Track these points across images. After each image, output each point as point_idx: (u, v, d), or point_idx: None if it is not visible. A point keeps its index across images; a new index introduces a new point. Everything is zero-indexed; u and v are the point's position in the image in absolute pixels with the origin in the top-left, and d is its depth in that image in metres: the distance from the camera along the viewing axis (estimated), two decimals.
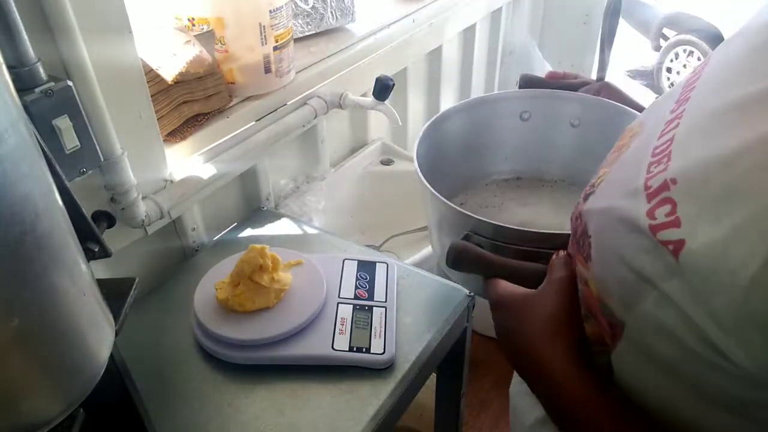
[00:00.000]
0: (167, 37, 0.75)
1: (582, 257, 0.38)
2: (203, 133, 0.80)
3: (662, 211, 0.30)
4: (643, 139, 0.38)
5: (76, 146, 0.58)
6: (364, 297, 0.71)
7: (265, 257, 0.68)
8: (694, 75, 0.39)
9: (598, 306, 0.36)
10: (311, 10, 0.99)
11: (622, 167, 0.38)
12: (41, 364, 0.34)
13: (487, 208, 0.78)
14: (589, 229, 0.38)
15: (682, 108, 0.36)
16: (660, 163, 0.33)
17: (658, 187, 0.31)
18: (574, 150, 0.78)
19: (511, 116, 0.78)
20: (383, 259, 0.77)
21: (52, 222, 0.34)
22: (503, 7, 1.53)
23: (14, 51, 0.50)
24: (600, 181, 0.40)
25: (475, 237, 0.57)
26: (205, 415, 0.61)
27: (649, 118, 0.41)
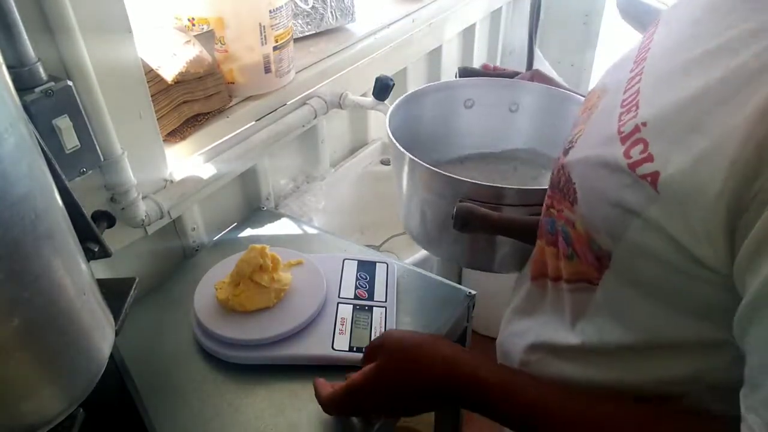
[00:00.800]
0: (167, 37, 0.75)
1: (568, 202, 0.43)
2: (203, 133, 0.80)
3: (636, 150, 0.36)
4: (610, 98, 0.43)
5: (76, 146, 0.58)
6: (364, 297, 0.71)
7: (265, 257, 0.68)
8: (647, 39, 0.45)
9: (586, 243, 0.41)
10: (311, 10, 0.99)
11: (596, 123, 0.43)
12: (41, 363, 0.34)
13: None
14: (572, 177, 0.43)
15: (640, 67, 0.42)
16: (629, 112, 0.38)
17: (630, 131, 0.37)
18: (515, 132, 0.84)
19: (455, 105, 0.83)
20: (383, 259, 0.77)
21: (52, 222, 0.34)
22: (503, 7, 1.53)
23: (14, 51, 0.50)
24: (578, 137, 0.45)
25: (469, 202, 0.59)
26: (205, 415, 0.61)
27: (611, 81, 0.46)
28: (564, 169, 0.44)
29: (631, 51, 0.47)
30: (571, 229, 0.43)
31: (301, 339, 0.65)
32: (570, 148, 0.45)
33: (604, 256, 0.40)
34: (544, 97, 0.79)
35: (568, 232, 0.44)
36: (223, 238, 0.89)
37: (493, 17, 1.54)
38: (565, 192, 0.43)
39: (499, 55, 1.64)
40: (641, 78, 0.40)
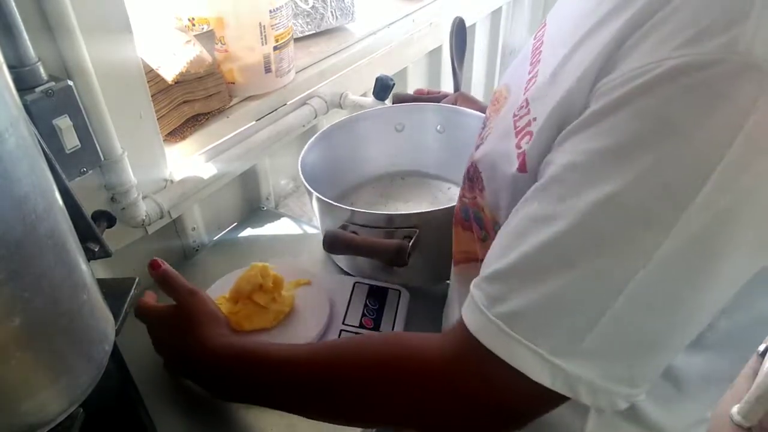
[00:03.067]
0: (167, 37, 0.75)
1: (478, 191, 0.48)
2: (203, 132, 0.80)
3: (524, 141, 0.41)
4: (513, 98, 0.47)
5: (77, 146, 0.58)
6: (370, 326, 0.67)
7: (267, 276, 0.66)
8: (538, 40, 0.49)
9: (491, 225, 0.47)
10: (311, 10, 0.99)
11: (501, 121, 0.47)
12: (41, 364, 0.34)
13: (374, 205, 0.89)
14: (480, 169, 0.48)
15: (536, 69, 0.45)
16: (521, 109, 0.43)
17: (522, 126, 0.41)
18: (441, 151, 0.91)
19: (387, 128, 0.90)
20: (395, 287, 0.73)
21: (53, 222, 0.34)
22: (503, 7, 1.53)
23: (15, 51, 0.50)
24: (487, 135, 0.50)
25: (351, 225, 0.67)
26: (205, 415, 0.61)
27: (512, 81, 0.50)
28: (474, 164, 0.49)
29: (526, 50, 0.51)
30: (482, 213, 0.49)
31: None
32: (480, 144, 0.50)
33: None
34: (461, 119, 0.85)
35: (481, 216, 0.49)
36: (223, 238, 0.89)
37: (493, 17, 1.54)
38: (475, 182, 0.49)
39: (499, 55, 1.64)
40: (535, 81, 0.43)
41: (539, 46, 0.47)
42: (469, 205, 0.52)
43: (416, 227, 0.64)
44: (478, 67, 1.54)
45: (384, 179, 0.94)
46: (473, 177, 0.49)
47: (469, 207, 0.52)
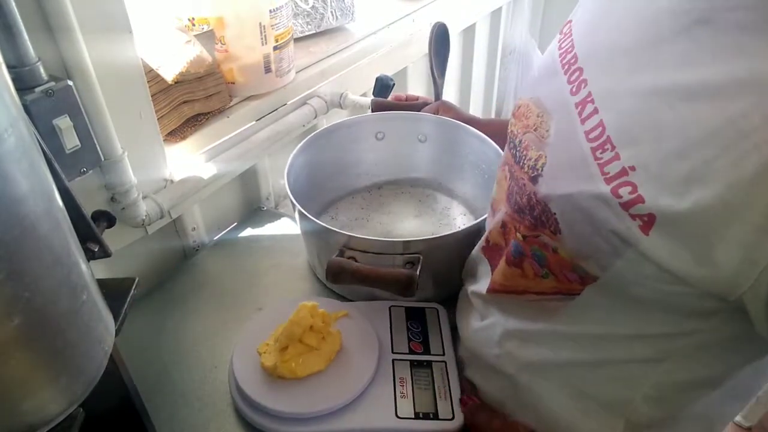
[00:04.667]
0: (167, 37, 0.75)
1: (548, 231, 0.44)
2: (203, 132, 0.80)
3: (625, 190, 0.37)
4: (560, 121, 0.44)
5: (77, 146, 0.58)
6: (420, 351, 0.63)
7: (316, 316, 0.62)
8: (567, 52, 0.46)
9: (569, 267, 0.43)
10: (311, 10, 0.99)
11: (559, 152, 0.44)
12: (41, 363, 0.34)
13: (356, 220, 0.87)
14: (551, 209, 0.43)
15: (585, 90, 0.42)
16: (604, 150, 0.38)
17: (616, 173, 0.37)
18: (424, 160, 0.91)
19: (367, 137, 0.89)
20: (431, 305, 0.70)
21: (53, 222, 0.34)
22: (503, 7, 1.53)
23: (14, 51, 0.49)
24: (541, 165, 0.45)
25: (348, 251, 0.64)
26: (205, 415, 0.61)
27: (546, 97, 0.47)
28: (539, 200, 0.45)
29: (551, 61, 0.48)
30: (549, 253, 0.45)
31: (360, 407, 0.57)
32: (538, 176, 0.45)
33: (590, 277, 0.42)
34: (444, 128, 0.85)
35: (544, 256, 0.46)
36: (223, 238, 0.89)
37: (493, 17, 1.54)
38: (543, 221, 0.44)
39: (498, 55, 1.64)
40: (598, 107, 0.40)
41: (573, 62, 0.44)
42: (525, 242, 0.47)
43: (419, 253, 0.63)
44: (478, 68, 1.54)
45: (365, 190, 0.93)
46: (541, 216, 0.45)
47: (522, 245, 0.48)
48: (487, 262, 0.59)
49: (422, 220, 0.86)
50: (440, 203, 0.90)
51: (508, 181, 0.52)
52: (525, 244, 0.47)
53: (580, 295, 0.44)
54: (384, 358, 0.62)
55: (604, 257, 0.39)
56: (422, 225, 0.85)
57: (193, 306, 0.75)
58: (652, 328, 0.42)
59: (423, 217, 0.87)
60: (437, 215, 0.87)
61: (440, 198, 0.91)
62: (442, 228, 0.84)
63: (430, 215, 0.87)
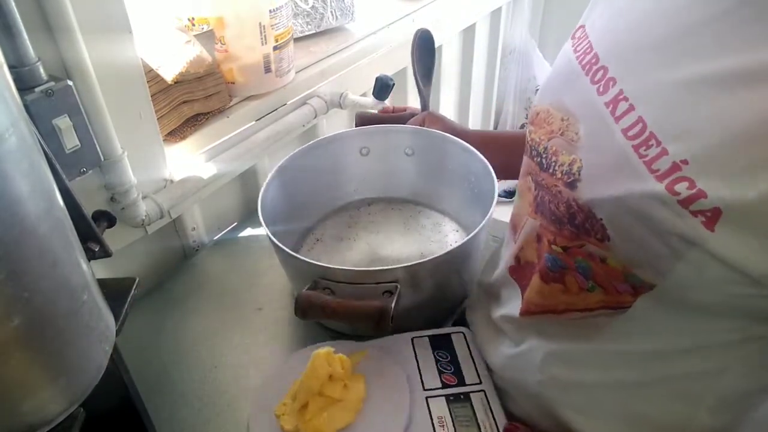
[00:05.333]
0: (167, 37, 0.75)
1: (594, 239, 0.41)
2: (203, 132, 0.80)
3: (681, 186, 0.34)
4: (594, 124, 0.42)
5: (77, 146, 0.58)
6: (454, 382, 0.57)
7: (334, 362, 0.55)
8: (583, 52, 0.45)
9: (620, 276, 0.40)
10: (311, 10, 0.99)
11: (595, 153, 0.41)
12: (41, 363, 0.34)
13: (342, 240, 0.82)
14: (596, 214, 0.40)
15: (615, 88, 0.40)
16: (648, 147, 0.36)
17: (667, 169, 0.35)
18: (412, 175, 0.87)
19: (351, 153, 0.85)
20: (456, 329, 0.64)
21: (53, 222, 0.34)
22: (503, 7, 1.53)
23: (14, 51, 0.49)
24: (577, 169, 0.42)
25: (323, 281, 0.59)
26: (205, 415, 0.61)
27: (569, 103, 0.45)
28: (581, 206, 0.42)
29: (567, 65, 0.47)
30: (595, 263, 0.42)
31: None
32: (574, 181, 0.42)
33: (645, 286, 0.39)
34: (430, 141, 0.81)
35: (590, 267, 0.43)
36: (223, 238, 0.89)
37: (493, 17, 1.54)
38: (587, 229, 0.41)
39: (498, 55, 1.64)
40: (632, 103, 0.39)
41: (595, 62, 0.43)
42: (565, 254, 0.44)
43: (397, 282, 0.58)
44: (477, 68, 1.54)
45: (350, 208, 0.88)
46: (584, 223, 0.42)
47: (563, 257, 0.45)
48: (514, 282, 0.55)
49: (411, 238, 0.82)
50: (430, 219, 0.86)
51: (533, 192, 0.49)
52: (567, 256, 0.44)
53: (630, 307, 0.41)
54: (416, 398, 0.55)
55: (662, 262, 0.37)
56: (411, 244, 0.81)
57: (193, 306, 0.75)
58: (714, 336, 0.40)
59: (412, 234, 0.83)
60: (427, 232, 0.83)
61: (430, 214, 0.87)
62: (432, 246, 0.80)
63: (420, 233, 0.83)
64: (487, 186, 0.69)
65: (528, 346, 0.53)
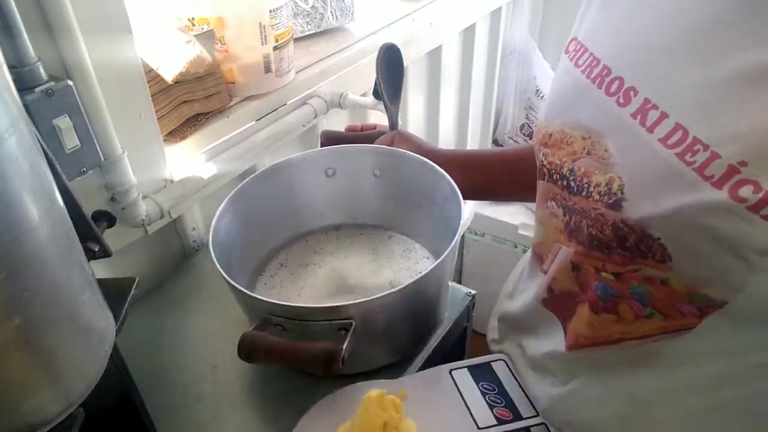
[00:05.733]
0: (167, 37, 0.75)
1: (653, 260, 0.38)
2: (203, 132, 0.80)
3: (746, 190, 0.32)
4: (624, 138, 0.39)
5: (77, 146, 0.58)
6: (509, 418, 0.52)
7: (387, 407, 0.50)
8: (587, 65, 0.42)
9: (684, 298, 0.38)
10: (311, 10, 0.99)
11: (635, 168, 0.39)
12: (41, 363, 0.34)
13: (308, 266, 0.78)
14: (652, 234, 0.37)
15: (638, 97, 0.38)
16: (695, 153, 0.34)
17: (723, 173, 0.33)
18: (380, 197, 0.81)
19: (316, 174, 0.80)
20: (498, 357, 0.59)
21: (53, 222, 0.34)
22: (503, 7, 1.53)
23: (14, 51, 0.49)
24: (617, 188, 0.40)
25: (274, 318, 0.55)
26: (205, 415, 0.61)
27: (587, 121, 0.42)
28: (631, 227, 0.39)
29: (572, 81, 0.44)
30: (654, 287, 0.39)
31: None
32: (617, 201, 0.39)
33: (714, 305, 0.37)
34: (398, 162, 0.76)
35: (648, 292, 0.40)
36: None
37: (493, 17, 1.54)
38: (643, 251, 0.39)
39: (498, 55, 1.64)
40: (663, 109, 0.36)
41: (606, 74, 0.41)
42: (617, 282, 0.42)
43: (351, 318, 0.54)
44: (478, 68, 1.54)
45: (320, 231, 0.84)
46: (638, 246, 0.39)
47: (614, 285, 0.42)
48: (552, 315, 0.51)
49: (380, 264, 0.77)
50: (401, 245, 0.80)
51: (563, 218, 0.46)
52: (619, 283, 0.41)
53: (696, 327, 0.39)
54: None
55: (734, 276, 0.34)
56: (380, 271, 0.76)
57: (193, 306, 0.75)
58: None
59: (381, 260, 0.78)
60: (397, 259, 0.78)
61: (400, 239, 0.81)
62: (401, 274, 0.75)
63: (389, 259, 0.78)
64: (454, 211, 0.64)
65: (581, 383, 0.49)
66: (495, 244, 1.64)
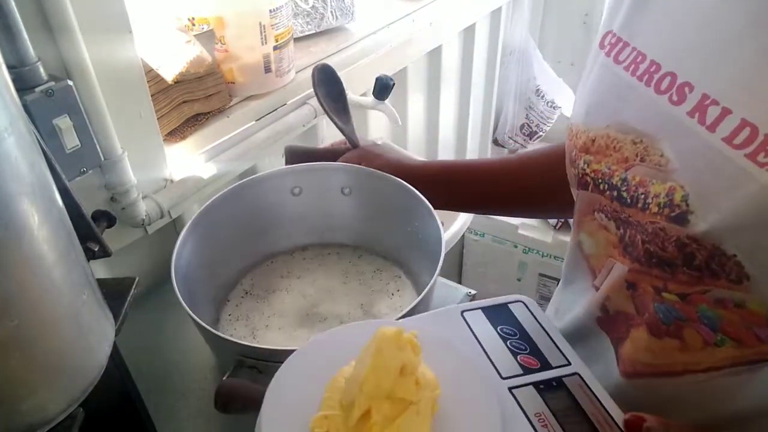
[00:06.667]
0: (167, 37, 0.75)
1: (726, 281, 0.34)
2: (203, 132, 0.80)
3: None
4: (680, 140, 0.36)
5: (77, 146, 0.58)
6: (537, 366, 0.43)
7: (405, 348, 0.36)
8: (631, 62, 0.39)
9: (763, 322, 0.34)
10: (311, 10, 0.99)
11: (698, 175, 0.35)
12: (41, 363, 0.34)
13: (275, 292, 0.74)
14: (726, 251, 0.34)
15: (694, 93, 0.34)
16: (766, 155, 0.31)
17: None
18: (349, 216, 0.78)
19: (281, 193, 0.76)
20: (515, 299, 0.49)
21: (53, 222, 0.34)
22: (503, 7, 1.53)
23: (14, 50, 0.49)
24: (681, 198, 0.36)
25: (248, 360, 0.51)
26: (205, 415, 0.61)
27: (635, 123, 0.39)
28: (702, 243, 0.35)
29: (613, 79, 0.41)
30: (727, 310, 0.35)
31: None
32: (682, 213, 0.35)
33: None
34: (367, 179, 0.73)
35: (719, 316, 0.36)
36: None
37: (493, 17, 1.54)
38: (714, 270, 0.35)
39: (498, 55, 1.64)
40: (722, 105, 0.33)
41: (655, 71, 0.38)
42: (683, 304, 0.38)
43: None
44: (477, 68, 1.54)
45: (285, 253, 0.80)
46: (708, 265, 0.35)
47: (680, 307, 0.38)
48: (605, 336, 0.46)
49: (351, 288, 0.74)
50: (372, 265, 0.77)
51: (617, 231, 0.42)
52: (686, 305, 0.37)
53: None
54: (499, 391, 0.40)
55: None
56: (351, 293, 0.72)
57: None
58: None
59: (352, 283, 0.74)
60: (368, 280, 0.75)
61: (371, 260, 0.78)
62: (373, 297, 0.71)
63: (360, 282, 0.75)
64: (432, 233, 0.61)
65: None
66: (495, 244, 1.64)
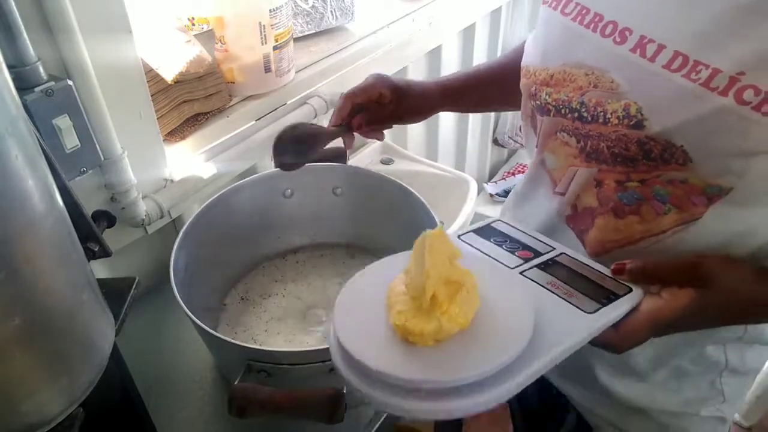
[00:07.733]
0: (167, 37, 0.75)
1: (676, 164, 0.45)
2: (203, 132, 0.80)
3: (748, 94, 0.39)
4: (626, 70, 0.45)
5: (77, 146, 0.58)
6: (531, 256, 0.52)
7: (447, 242, 0.42)
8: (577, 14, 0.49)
9: (699, 191, 0.45)
10: (311, 10, 0.99)
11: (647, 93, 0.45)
12: (41, 363, 0.34)
13: (270, 297, 0.73)
14: (676, 143, 0.44)
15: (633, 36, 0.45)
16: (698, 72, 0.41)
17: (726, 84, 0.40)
18: (341, 216, 0.78)
19: (273, 196, 0.76)
20: (493, 219, 0.59)
21: (53, 221, 0.34)
22: (503, 7, 1.53)
23: (14, 50, 0.50)
24: (636, 110, 0.45)
25: (257, 364, 0.51)
26: (205, 415, 0.61)
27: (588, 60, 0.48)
28: (657, 140, 0.45)
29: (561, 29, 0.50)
30: (674, 187, 0.47)
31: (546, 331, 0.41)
32: (639, 121, 0.46)
33: (723, 192, 0.45)
34: (358, 178, 0.74)
35: (668, 192, 0.47)
36: None
37: (493, 17, 1.54)
38: (667, 158, 0.45)
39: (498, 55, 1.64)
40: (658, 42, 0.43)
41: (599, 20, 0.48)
42: (642, 187, 0.48)
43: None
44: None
45: (278, 257, 0.79)
46: (662, 155, 0.45)
47: (639, 190, 0.48)
48: (570, 230, 0.56)
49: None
50: (365, 264, 0.73)
51: (577, 145, 0.52)
52: (644, 188, 0.48)
53: (701, 218, 0.46)
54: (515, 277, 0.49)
55: (740, 164, 0.42)
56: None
57: None
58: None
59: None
60: None
61: (365, 259, 0.78)
62: None
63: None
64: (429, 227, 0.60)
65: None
66: None
